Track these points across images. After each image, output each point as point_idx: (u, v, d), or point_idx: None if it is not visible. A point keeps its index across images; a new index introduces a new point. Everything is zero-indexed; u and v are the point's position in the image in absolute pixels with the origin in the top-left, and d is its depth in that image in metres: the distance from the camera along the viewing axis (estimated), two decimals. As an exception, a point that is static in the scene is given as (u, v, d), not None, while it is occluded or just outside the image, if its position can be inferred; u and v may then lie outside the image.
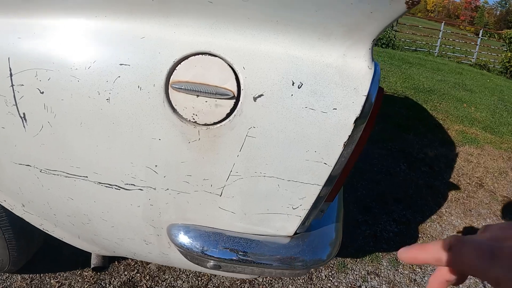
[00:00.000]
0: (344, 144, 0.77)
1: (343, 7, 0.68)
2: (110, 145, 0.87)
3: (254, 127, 0.80)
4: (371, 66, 0.74)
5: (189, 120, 0.82)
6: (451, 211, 2.95)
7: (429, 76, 8.31)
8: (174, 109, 0.81)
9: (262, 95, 0.78)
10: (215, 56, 0.78)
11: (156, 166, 0.89)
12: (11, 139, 0.91)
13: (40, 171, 0.96)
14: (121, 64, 0.80)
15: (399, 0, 0.65)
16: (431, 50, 14.21)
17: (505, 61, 12.75)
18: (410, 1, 0.64)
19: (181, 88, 0.78)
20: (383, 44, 12.98)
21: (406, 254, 0.45)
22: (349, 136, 0.76)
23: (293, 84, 0.76)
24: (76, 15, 0.81)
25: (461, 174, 3.67)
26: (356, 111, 0.75)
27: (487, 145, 4.65)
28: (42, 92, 0.83)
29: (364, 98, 0.74)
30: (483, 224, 2.88)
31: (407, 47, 13.89)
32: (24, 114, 0.87)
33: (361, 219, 2.62)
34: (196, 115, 0.81)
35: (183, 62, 0.79)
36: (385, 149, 3.85)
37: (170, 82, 0.79)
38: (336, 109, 0.75)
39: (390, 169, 3.43)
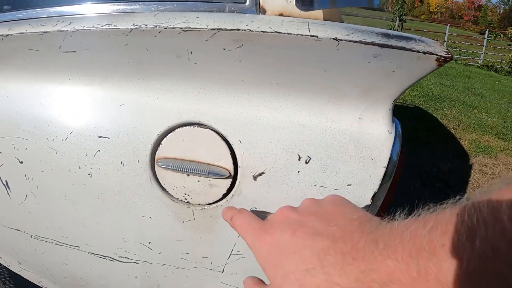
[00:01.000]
0: (361, 222, 0.67)
1: (359, 67, 0.58)
2: (98, 220, 0.79)
3: (255, 208, 0.69)
4: (391, 130, 0.63)
5: (181, 200, 0.73)
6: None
7: (437, 82, 8.21)
8: (163, 188, 0.73)
9: (263, 173, 0.67)
10: (206, 127, 0.68)
11: (149, 243, 0.80)
12: (-2, 204, 0.86)
13: (31, 237, 0.89)
14: (100, 137, 0.72)
15: (429, 58, 0.54)
16: (437, 54, 14.11)
17: (512, 61, 12.64)
18: (442, 58, 0.54)
19: (168, 166, 0.69)
20: (388, 50, 12.94)
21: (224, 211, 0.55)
22: (367, 212, 0.66)
23: (299, 159, 0.65)
24: (49, 78, 0.74)
25: (476, 188, 3.57)
26: (374, 186, 0.64)
27: (501, 154, 4.54)
28: (21, 162, 0.78)
29: (383, 170, 0.63)
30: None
31: (413, 52, 13.81)
32: (6, 181, 0.81)
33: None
34: (188, 195, 0.71)
35: (169, 135, 0.70)
36: (397, 166, 3.75)
37: (155, 159, 0.71)
38: (350, 185, 0.64)
39: (405, 188, 3.32)
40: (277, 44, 0.57)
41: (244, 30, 0.57)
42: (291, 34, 0.55)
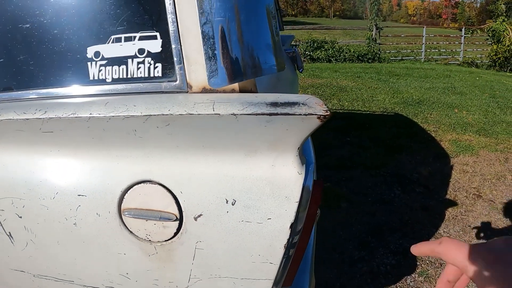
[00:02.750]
0: (284, 246, 0.82)
1: (259, 129, 0.74)
2: (85, 259, 0.96)
3: (200, 241, 0.86)
4: (301, 171, 0.80)
5: (145, 239, 0.90)
6: (449, 231, 2.97)
7: (417, 85, 8.36)
8: (130, 231, 0.90)
9: (201, 215, 0.84)
10: (155, 183, 0.86)
11: (127, 273, 0.96)
12: (5, 252, 1.02)
13: (34, 276, 1.05)
14: (79, 195, 0.91)
15: (311, 118, 0.70)
16: (417, 57, 14.35)
17: (491, 54, 12.83)
18: (322, 116, 0.70)
19: (131, 215, 0.88)
20: (369, 59, 13.14)
21: (414, 248, 0.62)
22: (288, 239, 0.82)
23: (227, 202, 0.81)
24: (36, 150, 0.93)
25: (457, 188, 3.68)
26: (291, 217, 0.80)
27: (482, 150, 4.63)
28: (21, 217, 0.95)
29: (296, 205, 0.79)
30: (484, 239, 2.90)
31: (393, 58, 14.03)
32: (10, 233, 0.98)
33: (357, 256, 2.64)
34: (149, 235, 0.89)
35: (129, 191, 0.88)
36: (378, 176, 3.87)
37: (121, 209, 0.89)
38: (270, 218, 0.80)
39: (384, 197, 3.44)
40: (194, 121, 0.75)
41: (167, 115, 0.74)
42: (200, 114, 0.72)
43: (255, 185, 0.81)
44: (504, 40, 12.59)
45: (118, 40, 0.91)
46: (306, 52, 13.34)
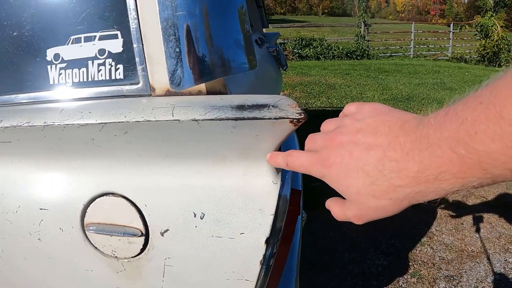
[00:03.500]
0: (260, 262, 0.75)
1: (225, 136, 0.67)
2: (54, 275, 0.90)
3: (169, 258, 0.79)
4: (276, 180, 0.72)
5: (111, 255, 0.83)
6: (441, 229, 2.92)
7: (406, 82, 8.35)
8: (95, 247, 0.83)
9: (168, 230, 0.77)
10: (118, 196, 0.79)
11: None
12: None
13: None
14: (41, 209, 0.84)
15: (283, 122, 0.63)
16: (406, 53, 14.36)
17: (480, 50, 12.88)
18: (295, 119, 0.62)
19: (95, 230, 0.81)
20: (358, 56, 13.12)
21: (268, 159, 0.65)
22: (263, 255, 0.75)
23: (195, 216, 0.74)
24: None
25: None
26: (265, 231, 0.73)
27: (472, 146, 4.62)
28: None
29: (271, 218, 0.72)
30: (477, 236, 2.85)
31: (382, 55, 14.02)
32: None
33: (348, 258, 2.58)
34: (115, 251, 0.82)
35: (92, 204, 0.81)
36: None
37: (85, 224, 0.82)
38: (243, 233, 0.73)
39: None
40: (153, 128, 0.67)
41: (123, 122, 0.67)
42: (158, 121, 0.65)
43: (225, 196, 0.73)
44: (493, 35, 12.63)
45: (78, 40, 0.84)
46: (295, 50, 13.28)
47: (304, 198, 1.88)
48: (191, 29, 0.69)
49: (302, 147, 0.62)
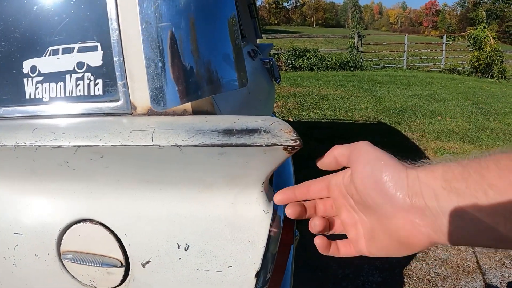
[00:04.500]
0: (251, 296, 0.69)
1: (211, 163, 0.61)
2: None
3: (151, 292, 0.72)
4: (267, 209, 0.66)
5: (89, 285, 0.77)
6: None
7: (400, 93, 8.32)
8: (73, 276, 0.78)
9: (149, 261, 0.70)
10: (96, 223, 0.73)
11: None
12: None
13: None
14: (15, 233, 0.79)
15: (276, 149, 0.56)
16: (399, 65, 14.37)
17: (473, 61, 12.91)
18: (290, 147, 0.56)
19: (71, 259, 0.75)
20: (351, 67, 13.10)
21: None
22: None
23: (179, 247, 0.67)
24: None
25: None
26: (255, 265, 0.66)
27: (467, 158, 4.57)
28: None
29: (262, 250, 0.65)
30: (473, 251, 2.79)
31: (375, 66, 14.02)
32: None
33: (342, 274, 2.50)
34: (94, 281, 0.76)
35: (68, 231, 0.75)
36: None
37: (61, 252, 0.76)
38: (231, 266, 0.66)
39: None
40: (131, 153, 0.61)
41: (98, 146, 0.60)
42: (137, 145, 0.58)
43: (212, 227, 0.67)
44: (485, 47, 12.65)
45: (56, 52, 0.78)
46: (288, 61, 13.24)
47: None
48: (176, 42, 0.63)
49: (297, 171, 0.55)
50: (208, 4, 0.68)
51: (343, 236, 0.59)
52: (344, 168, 0.56)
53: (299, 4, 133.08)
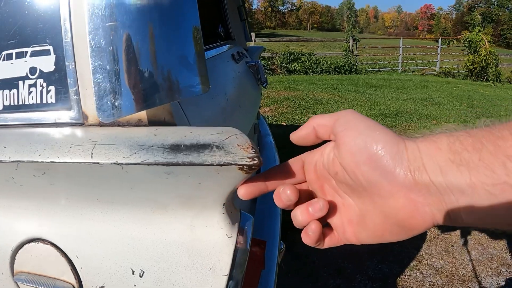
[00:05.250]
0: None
1: (159, 182, 0.53)
2: None
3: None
4: (231, 233, 0.59)
5: None
6: (431, 252, 2.79)
7: (395, 97, 8.28)
8: None
9: (103, 286, 0.63)
10: (48, 243, 0.67)
11: None
12: None
13: None
14: None
15: (230, 169, 0.49)
16: (394, 68, 14.35)
17: (468, 64, 12.91)
18: (247, 166, 0.48)
19: (24, 280, 0.69)
20: (346, 71, 13.07)
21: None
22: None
23: (133, 273, 0.60)
24: None
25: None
26: (218, 295, 0.59)
27: (461, 163, 4.52)
28: None
29: (225, 279, 0.58)
30: (468, 259, 2.74)
31: (370, 69, 14.00)
32: None
33: (333, 284, 2.43)
34: None
35: (20, 250, 0.69)
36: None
37: (14, 272, 0.71)
38: (188, 297, 0.59)
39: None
40: (72, 170, 0.54)
41: (37, 162, 0.54)
42: (75, 162, 0.51)
43: (168, 252, 0.59)
44: (480, 50, 12.65)
45: (9, 56, 0.72)
46: (283, 64, 13.18)
47: (287, 219, 1.74)
48: (127, 43, 0.56)
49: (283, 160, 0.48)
50: (166, 1, 0.61)
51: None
52: (321, 144, 0.48)
53: (294, 7, 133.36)
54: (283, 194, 0.45)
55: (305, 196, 0.49)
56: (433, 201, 0.38)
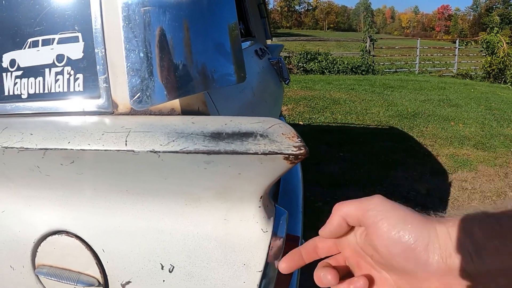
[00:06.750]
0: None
1: (196, 172, 0.51)
2: None
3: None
4: (266, 228, 0.56)
5: None
6: (450, 255, 2.74)
7: (412, 98, 8.19)
8: None
9: (130, 282, 0.61)
10: (72, 235, 0.64)
11: None
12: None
13: None
14: None
15: (275, 158, 0.47)
16: (411, 69, 14.22)
17: (486, 66, 12.75)
18: (292, 155, 0.46)
19: (46, 274, 0.67)
20: (363, 71, 12.98)
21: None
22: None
23: (162, 268, 0.58)
24: None
25: (456, 207, 3.46)
26: (251, 292, 0.56)
27: (480, 165, 4.44)
28: None
29: (259, 275, 0.55)
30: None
31: (387, 70, 13.89)
32: None
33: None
34: None
35: (43, 243, 0.68)
36: (373, 194, 3.64)
37: (35, 265, 0.69)
38: (223, 292, 0.57)
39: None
40: (104, 159, 0.52)
41: (66, 149, 0.52)
42: (108, 150, 0.49)
43: (200, 246, 0.57)
44: (498, 52, 12.48)
45: (36, 44, 0.70)
46: (300, 64, 13.14)
47: (303, 220, 1.71)
48: (162, 29, 0.53)
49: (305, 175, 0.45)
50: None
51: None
52: None
53: (311, 7, 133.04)
54: (325, 279, 0.46)
55: (341, 270, 0.50)
56: (467, 284, 0.39)
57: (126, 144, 0.49)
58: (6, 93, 0.72)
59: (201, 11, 0.57)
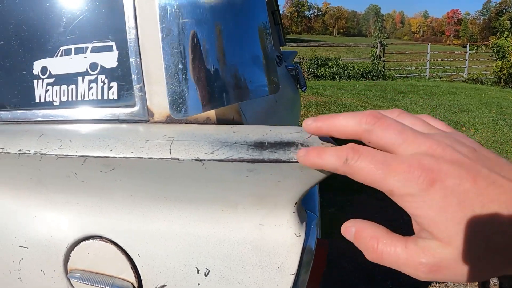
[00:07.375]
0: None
1: (238, 180, 0.53)
2: None
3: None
4: (299, 232, 0.58)
5: None
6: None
7: (423, 103, 8.19)
8: None
9: (165, 285, 0.63)
10: (107, 240, 0.66)
11: None
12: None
13: None
14: (20, 246, 0.73)
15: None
16: (422, 74, 14.21)
17: (496, 71, 12.70)
18: None
19: (79, 278, 0.68)
20: (373, 77, 12.98)
21: (304, 157, 0.43)
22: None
23: (198, 272, 0.60)
24: None
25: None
26: (284, 295, 0.58)
27: (493, 171, 4.45)
28: None
29: (292, 278, 0.57)
30: None
31: (398, 75, 13.88)
32: None
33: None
34: None
35: (76, 247, 0.69)
36: (385, 200, 3.63)
37: (68, 270, 0.70)
38: (257, 295, 0.59)
39: (393, 223, 3.19)
40: (145, 166, 0.54)
41: (108, 157, 0.54)
42: (152, 158, 0.51)
43: (235, 250, 0.59)
44: (509, 56, 12.44)
45: (68, 52, 0.72)
46: (310, 69, 13.18)
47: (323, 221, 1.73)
48: (200, 41, 0.55)
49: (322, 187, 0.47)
50: (237, 1, 0.60)
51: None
52: None
53: (320, 13, 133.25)
54: None
55: None
56: None
57: (170, 153, 0.51)
58: (38, 100, 0.74)
59: (236, 23, 0.59)
